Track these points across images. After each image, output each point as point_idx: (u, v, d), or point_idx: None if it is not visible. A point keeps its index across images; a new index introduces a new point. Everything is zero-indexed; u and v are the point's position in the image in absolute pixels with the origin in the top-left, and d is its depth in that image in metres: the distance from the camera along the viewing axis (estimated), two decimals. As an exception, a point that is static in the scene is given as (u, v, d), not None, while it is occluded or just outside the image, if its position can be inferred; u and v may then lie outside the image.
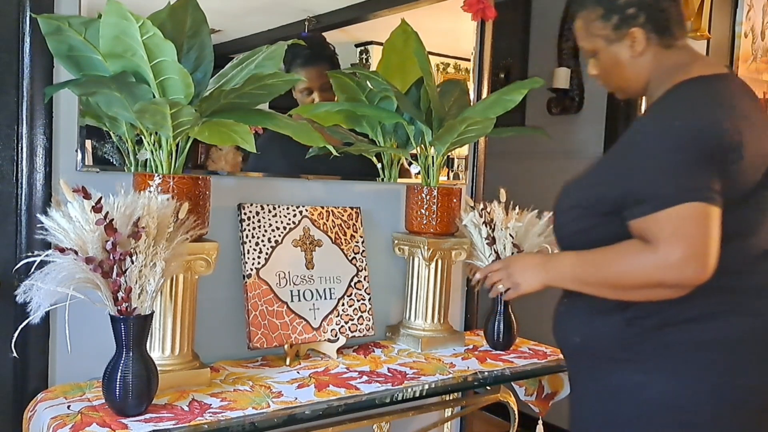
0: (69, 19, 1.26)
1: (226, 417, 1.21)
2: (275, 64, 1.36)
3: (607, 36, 1.31)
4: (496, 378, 1.60)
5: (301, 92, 1.73)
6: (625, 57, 1.31)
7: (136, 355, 1.16)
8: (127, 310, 1.14)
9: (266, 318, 1.54)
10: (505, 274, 1.40)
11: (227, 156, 1.61)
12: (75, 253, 1.10)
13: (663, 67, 1.29)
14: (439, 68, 1.99)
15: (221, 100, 1.31)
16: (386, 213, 1.88)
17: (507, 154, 3.15)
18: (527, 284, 1.35)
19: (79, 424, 1.14)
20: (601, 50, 1.33)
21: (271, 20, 1.68)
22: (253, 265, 1.56)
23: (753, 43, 3.00)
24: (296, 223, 1.66)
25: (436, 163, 1.76)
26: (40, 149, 1.35)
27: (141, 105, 1.22)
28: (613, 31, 1.29)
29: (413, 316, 1.80)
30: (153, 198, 1.20)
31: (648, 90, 1.33)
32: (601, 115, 2.99)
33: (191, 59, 1.35)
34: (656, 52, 1.29)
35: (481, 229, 1.72)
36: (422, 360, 1.65)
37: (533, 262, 1.36)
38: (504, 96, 1.66)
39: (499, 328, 1.76)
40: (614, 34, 1.30)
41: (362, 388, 1.41)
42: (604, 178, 1.25)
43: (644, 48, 1.29)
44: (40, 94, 1.33)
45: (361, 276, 1.73)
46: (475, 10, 1.93)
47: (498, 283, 1.43)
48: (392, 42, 1.76)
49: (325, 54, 1.75)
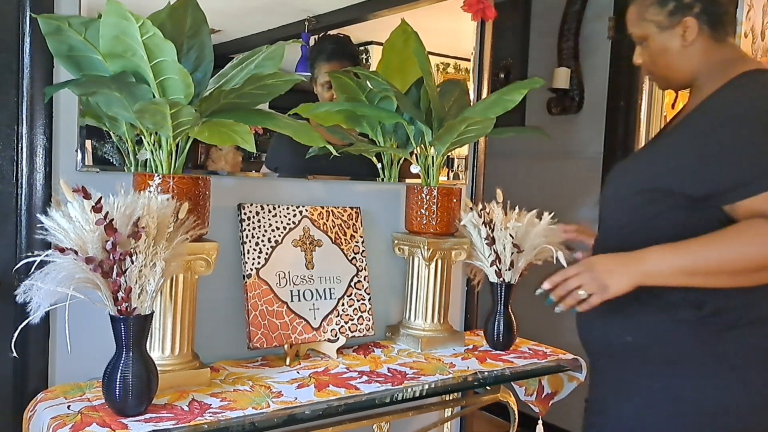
0: (69, 19, 1.26)
1: (226, 417, 1.21)
2: (275, 64, 1.36)
3: (660, 22, 1.32)
4: (496, 378, 1.60)
5: (321, 86, 1.76)
6: (674, 46, 1.32)
7: (136, 355, 1.16)
8: (127, 310, 1.14)
9: (266, 318, 1.54)
10: (588, 278, 1.27)
11: (227, 156, 1.61)
12: (75, 253, 1.10)
13: (712, 61, 1.31)
14: (439, 68, 1.99)
15: (221, 100, 1.31)
16: (386, 213, 1.88)
17: (507, 154, 3.15)
18: (617, 285, 1.24)
19: (79, 424, 1.14)
20: (651, 37, 1.34)
21: (271, 20, 1.68)
22: (253, 265, 1.56)
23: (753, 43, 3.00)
24: (296, 223, 1.66)
25: (436, 163, 1.76)
26: (40, 149, 1.35)
27: (141, 105, 1.22)
28: (667, 18, 1.31)
29: (413, 316, 1.80)
30: (153, 198, 1.20)
31: (696, 82, 1.34)
32: (601, 115, 2.99)
33: (191, 59, 1.35)
34: (706, 46, 1.31)
35: (481, 229, 1.72)
36: (422, 360, 1.65)
37: (618, 260, 1.26)
38: (504, 96, 1.66)
39: (499, 328, 1.76)
40: (667, 21, 1.31)
41: (362, 388, 1.41)
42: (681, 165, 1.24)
43: (695, 39, 1.30)
44: (40, 94, 1.33)
45: (361, 276, 1.73)
46: (475, 10, 1.93)
47: (579, 290, 1.28)
48: (392, 42, 1.76)
49: (348, 51, 1.78)
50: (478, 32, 2.05)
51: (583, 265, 1.31)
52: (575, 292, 1.28)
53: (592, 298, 1.27)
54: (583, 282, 1.28)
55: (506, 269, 1.72)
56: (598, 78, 3.00)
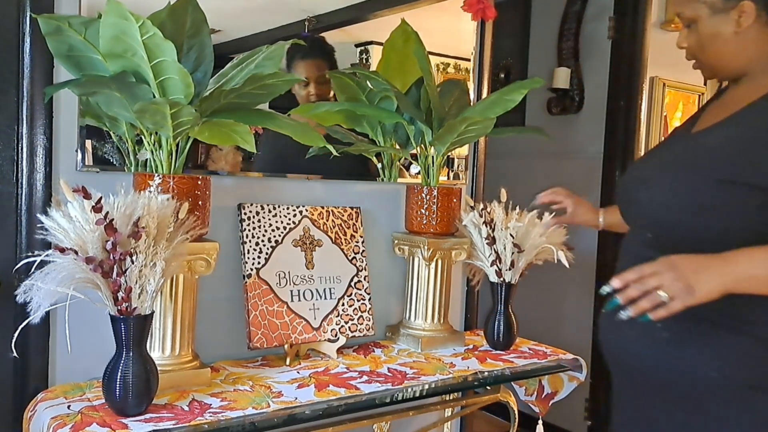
0: (69, 19, 1.26)
1: (226, 417, 1.21)
2: (275, 64, 1.36)
3: (714, 4, 1.22)
4: (496, 378, 1.60)
5: (298, 84, 1.76)
6: (727, 31, 1.22)
7: (136, 355, 1.16)
8: (127, 310, 1.14)
9: (266, 318, 1.54)
10: (670, 277, 1.08)
11: (227, 156, 1.61)
12: (75, 253, 1.10)
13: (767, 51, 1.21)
14: (439, 68, 1.99)
15: (221, 100, 1.31)
16: (386, 213, 1.88)
17: (507, 154, 3.15)
18: (705, 289, 1.07)
19: (79, 424, 1.14)
20: (702, 20, 1.24)
21: (271, 20, 1.68)
22: (253, 265, 1.56)
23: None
24: (296, 223, 1.66)
25: (436, 163, 1.76)
26: (40, 149, 1.35)
27: (141, 105, 1.22)
28: (723, 0, 1.21)
29: (413, 316, 1.80)
30: (153, 198, 1.20)
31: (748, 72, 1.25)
32: (601, 115, 2.99)
33: (191, 59, 1.35)
34: (762, 33, 1.21)
35: (481, 229, 1.72)
36: (422, 360, 1.65)
37: (704, 261, 1.09)
38: (504, 96, 1.66)
39: (499, 328, 1.76)
40: (722, 3, 1.21)
41: (362, 388, 1.41)
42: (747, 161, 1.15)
43: (750, 24, 1.20)
44: (40, 94, 1.33)
45: (361, 276, 1.73)
46: (475, 10, 1.93)
47: (659, 290, 1.08)
48: (392, 42, 1.76)
49: (323, 50, 1.79)
50: (478, 32, 2.05)
51: (661, 263, 1.11)
52: (654, 293, 1.09)
53: (673, 303, 1.07)
54: (663, 282, 1.08)
55: (507, 269, 1.72)
56: (598, 78, 3.00)
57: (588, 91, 3.07)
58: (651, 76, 2.86)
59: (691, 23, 1.26)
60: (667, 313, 1.08)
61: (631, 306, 1.10)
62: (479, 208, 1.74)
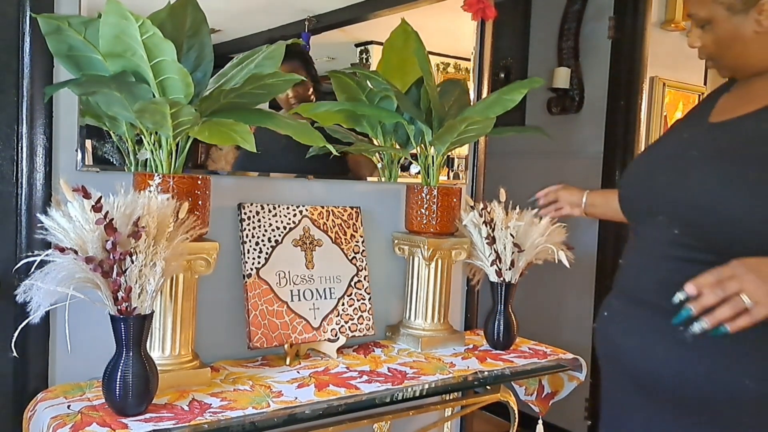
0: (69, 18, 1.26)
1: (226, 417, 1.21)
2: (275, 63, 1.36)
3: (732, 5, 1.16)
4: (496, 378, 1.60)
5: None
6: (747, 31, 1.16)
7: (136, 354, 1.16)
8: (127, 310, 1.14)
9: (266, 318, 1.54)
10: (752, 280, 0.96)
11: (227, 156, 1.61)
12: (75, 253, 1.10)
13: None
14: (439, 68, 1.99)
15: (221, 100, 1.31)
16: (386, 213, 1.88)
17: (507, 154, 3.15)
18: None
19: (79, 424, 1.14)
20: (719, 20, 1.18)
21: (271, 20, 1.68)
22: (253, 265, 1.56)
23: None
24: (296, 222, 1.66)
25: (436, 162, 1.76)
26: (40, 149, 1.35)
27: (141, 105, 1.22)
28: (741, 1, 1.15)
29: (413, 315, 1.80)
30: (153, 198, 1.20)
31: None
32: (601, 115, 2.99)
33: (191, 59, 1.35)
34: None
35: (481, 228, 1.72)
36: (422, 360, 1.65)
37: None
38: (504, 96, 1.66)
39: (499, 327, 1.76)
40: (741, 4, 1.15)
41: (362, 388, 1.41)
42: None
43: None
44: (40, 93, 1.33)
45: (361, 276, 1.73)
46: (475, 10, 1.94)
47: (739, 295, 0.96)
48: (392, 42, 1.76)
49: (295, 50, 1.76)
50: (478, 32, 2.05)
51: (738, 265, 0.98)
52: (736, 299, 0.96)
53: (757, 310, 0.96)
54: (744, 287, 0.96)
55: (507, 269, 1.73)
56: (598, 78, 3.01)
57: (588, 90, 3.07)
58: (651, 76, 2.86)
59: (706, 24, 1.21)
60: (750, 323, 0.96)
61: (706, 316, 0.98)
62: (479, 208, 1.74)
